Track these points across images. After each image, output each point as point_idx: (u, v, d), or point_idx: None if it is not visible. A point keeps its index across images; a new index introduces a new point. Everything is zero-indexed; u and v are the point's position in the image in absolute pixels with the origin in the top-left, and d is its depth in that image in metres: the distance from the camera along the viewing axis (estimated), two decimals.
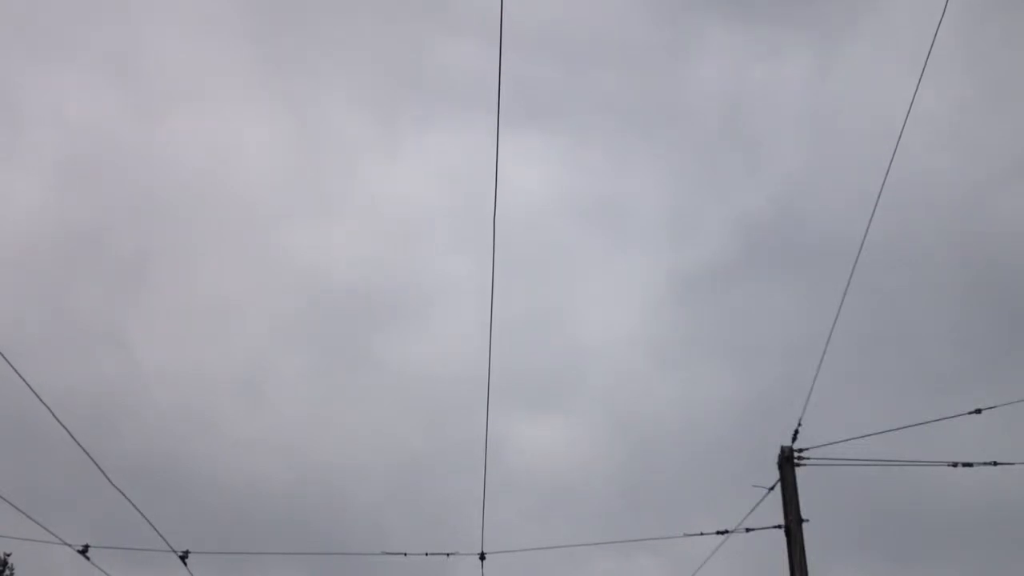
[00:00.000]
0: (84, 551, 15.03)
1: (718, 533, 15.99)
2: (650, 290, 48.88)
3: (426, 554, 17.91)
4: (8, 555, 27.99)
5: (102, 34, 48.25)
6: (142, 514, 13.09)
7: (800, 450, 15.19)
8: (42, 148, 45.88)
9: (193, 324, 46.07)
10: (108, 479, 12.40)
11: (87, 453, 11.70)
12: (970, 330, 42.03)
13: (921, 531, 34.38)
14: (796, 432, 15.17)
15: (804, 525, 14.89)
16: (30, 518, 13.03)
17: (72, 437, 11.27)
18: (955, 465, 15.05)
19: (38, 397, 10.35)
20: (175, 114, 48.81)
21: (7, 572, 28.03)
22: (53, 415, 10.69)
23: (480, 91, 44.62)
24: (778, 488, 15.27)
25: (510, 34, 7.80)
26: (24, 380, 10.05)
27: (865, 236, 11.83)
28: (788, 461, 15.20)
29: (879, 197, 11.09)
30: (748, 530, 15.47)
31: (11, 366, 9.60)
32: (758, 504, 15.30)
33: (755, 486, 15.33)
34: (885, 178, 10.85)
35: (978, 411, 14.81)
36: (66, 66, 47.33)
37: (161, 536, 13.82)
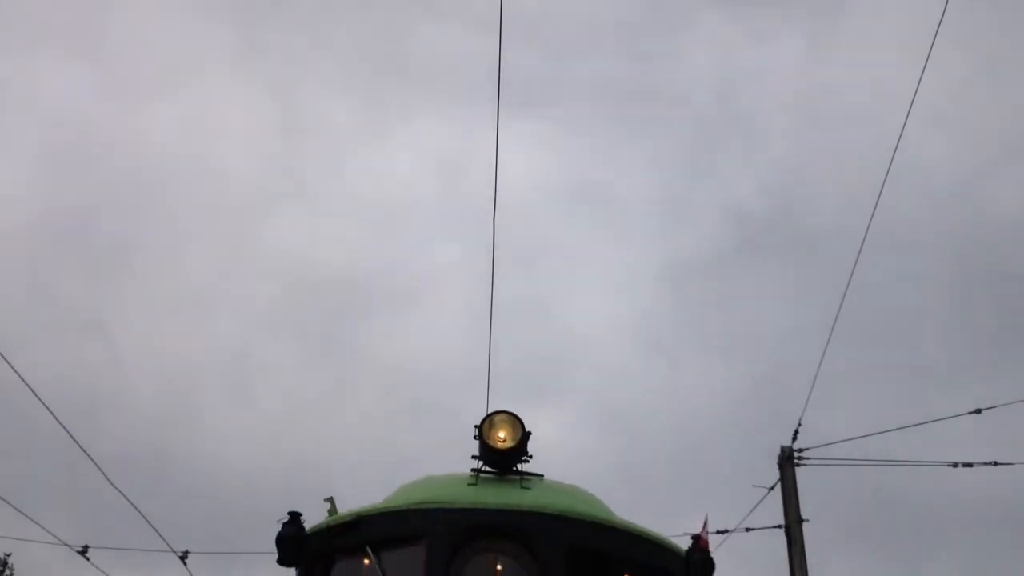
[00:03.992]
0: (84, 551, 15.03)
1: (718, 532, 15.99)
2: (641, 280, 48.68)
3: None
4: (8, 555, 27.99)
5: (81, 18, 47.90)
6: (142, 515, 13.07)
7: (800, 450, 15.22)
8: (20, 135, 45.63)
9: (177, 313, 45.93)
10: (109, 480, 12.38)
11: (89, 456, 11.67)
12: (968, 325, 41.98)
13: (921, 530, 34.41)
14: (796, 432, 15.20)
15: (804, 525, 14.93)
16: (30, 518, 13.03)
17: (75, 440, 11.25)
18: (955, 465, 15.06)
19: (41, 401, 10.33)
20: (157, 100, 48.58)
21: (7, 572, 28.03)
22: (56, 419, 10.67)
23: (468, 77, 44.34)
24: (778, 488, 15.29)
25: (500, 18, 7.75)
26: (25, 382, 10.03)
27: (867, 231, 11.74)
28: (788, 461, 15.23)
29: (881, 191, 11.00)
30: (748, 530, 15.48)
31: (13, 369, 9.59)
32: (758, 504, 15.32)
33: (755, 486, 15.35)
34: (888, 172, 10.77)
35: (978, 411, 14.82)
36: (44, 51, 47.09)
37: (161, 537, 13.80)
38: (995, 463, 15.05)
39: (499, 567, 7.10)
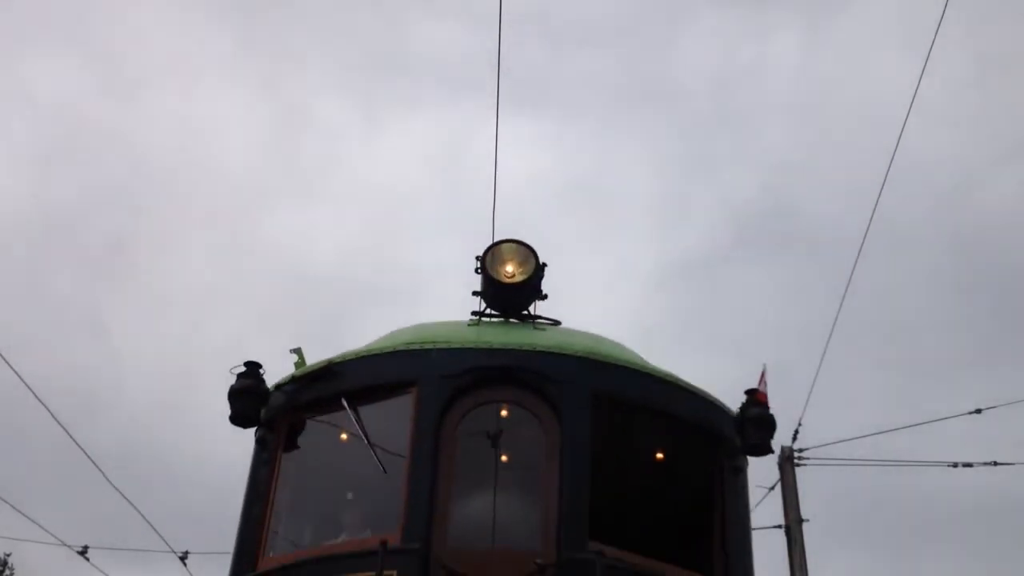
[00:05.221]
0: (84, 551, 15.04)
1: None
2: (638, 278, 48.63)
3: None
4: (8, 555, 27.98)
5: (74, 12, 47.80)
6: (142, 515, 13.08)
7: (800, 450, 15.22)
8: (13, 132, 45.59)
9: (175, 311, 45.92)
10: (109, 480, 12.39)
11: (89, 456, 11.68)
12: (968, 325, 41.98)
13: (921, 530, 34.44)
14: (796, 432, 15.20)
15: (804, 525, 14.93)
16: (30, 519, 13.04)
17: (74, 441, 11.26)
18: (955, 465, 15.05)
19: (40, 401, 10.33)
20: (152, 96, 48.48)
21: (7, 572, 28.02)
22: (55, 419, 10.67)
23: (465, 73, 44.36)
24: (778, 488, 15.29)
25: (496, 15, 7.66)
26: (24, 382, 10.04)
27: (868, 229, 11.70)
28: (788, 461, 15.23)
29: (881, 191, 10.97)
30: None
31: (12, 368, 9.60)
32: (758, 504, 15.31)
33: (755, 486, 15.34)
34: (888, 172, 10.75)
35: (978, 411, 14.82)
36: (36, 46, 47.01)
37: (161, 537, 13.81)
38: (995, 463, 15.04)
39: (507, 418, 5.63)
